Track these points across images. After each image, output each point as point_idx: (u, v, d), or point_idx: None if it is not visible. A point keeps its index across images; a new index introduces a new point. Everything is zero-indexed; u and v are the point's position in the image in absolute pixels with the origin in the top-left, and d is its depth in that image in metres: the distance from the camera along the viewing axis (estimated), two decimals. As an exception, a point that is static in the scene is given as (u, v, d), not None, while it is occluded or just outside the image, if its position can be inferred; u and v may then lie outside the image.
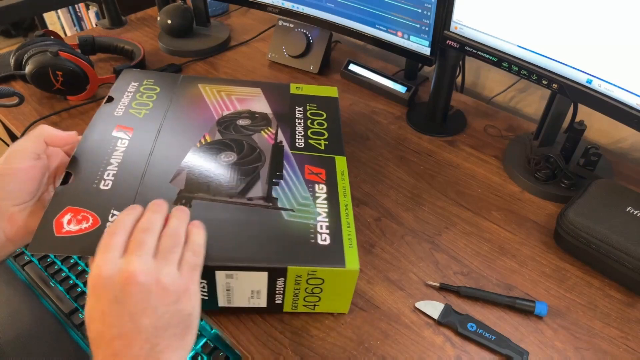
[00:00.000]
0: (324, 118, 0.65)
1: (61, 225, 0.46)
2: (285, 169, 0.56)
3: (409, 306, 0.56)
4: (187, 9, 1.04)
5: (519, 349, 0.52)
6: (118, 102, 0.62)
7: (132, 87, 0.65)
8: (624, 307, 0.57)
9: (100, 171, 0.52)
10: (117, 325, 0.38)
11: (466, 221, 0.67)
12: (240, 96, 0.67)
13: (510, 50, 0.66)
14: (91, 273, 0.39)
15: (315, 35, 0.96)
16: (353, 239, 0.50)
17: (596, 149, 0.67)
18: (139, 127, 0.59)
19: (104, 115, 0.60)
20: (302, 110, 0.66)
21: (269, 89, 0.70)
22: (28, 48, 0.83)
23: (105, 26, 1.14)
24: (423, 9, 0.71)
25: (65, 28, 1.91)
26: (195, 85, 0.68)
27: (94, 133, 0.57)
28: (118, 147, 0.55)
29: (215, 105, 0.65)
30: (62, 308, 0.61)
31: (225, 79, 0.73)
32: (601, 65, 0.57)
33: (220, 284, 0.49)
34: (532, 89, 0.91)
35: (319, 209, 0.52)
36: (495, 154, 0.78)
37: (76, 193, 0.49)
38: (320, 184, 0.55)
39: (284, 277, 0.48)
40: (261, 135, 0.61)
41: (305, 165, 0.57)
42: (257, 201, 0.52)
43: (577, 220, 0.59)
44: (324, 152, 0.60)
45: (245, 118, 0.63)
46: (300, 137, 0.61)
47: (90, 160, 0.53)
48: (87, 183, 0.50)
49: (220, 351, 0.55)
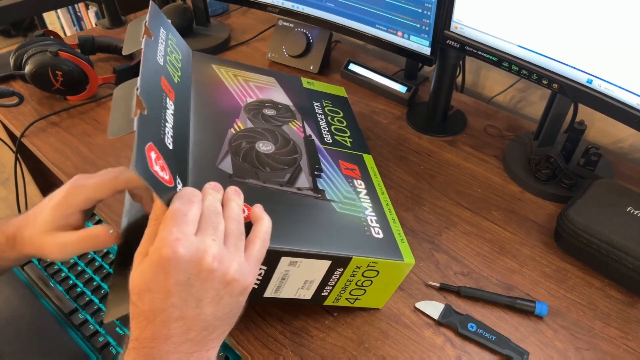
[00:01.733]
0: (342, 116, 0.66)
1: (151, 161, 0.39)
2: (322, 163, 0.56)
3: (409, 306, 0.56)
4: (187, 9, 1.04)
5: (519, 349, 0.52)
6: (156, 44, 0.52)
7: (162, 34, 0.56)
8: (624, 307, 0.57)
9: (162, 124, 0.45)
10: (180, 307, 0.36)
11: (466, 221, 0.67)
12: (257, 84, 0.66)
13: (510, 50, 0.66)
14: (165, 244, 0.36)
15: (315, 35, 0.96)
16: (402, 234, 0.52)
17: (596, 149, 0.67)
18: (178, 94, 0.53)
19: (151, 52, 0.49)
20: (320, 106, 0.66)
21: (283, 80, 0.69)
22: (28, 48, 0.83)
23: (105, 26, 1.14)
24: (423, 8, 0.71)
25: (65, 28, 1.91)
26: (209, 65, 0.65)
27: (150, 67, 0.47)
28: (167, 106, 0.48)
29: (236, 91, 0.62)
30: (62, 308, 0.61)
31: (237, 62, 0.69)
32: (601, 65, 0.57)
33: (279, 272, 0.47)
34: (532, 89, 0.91)
35: (364, 203, 0.53)
36: (496, 153, 0.78)
37: (153, 133, 0.42)
38: (358, 179, 0.56)
39: (344, 268, 0.48)
40: (290, 127, 0.60)
41: (339, 160, 0.57)
42: (307, 192, 0.51)
43: (577, 220, 0.59)
44: (352, 149, 0.60)
45: (270, 108, 0.62)
46: (327, 132, 0.61)
47: (153, 101, 0.45)
48: (157, 130, 0.43)
49: (220, 351, 0.55)
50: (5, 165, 1.79)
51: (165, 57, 0.53)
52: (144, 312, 0.36)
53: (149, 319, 0.36)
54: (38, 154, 0.79)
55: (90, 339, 0.58)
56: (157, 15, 0.56)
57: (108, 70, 0.96)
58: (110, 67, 0.97)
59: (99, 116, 0.85)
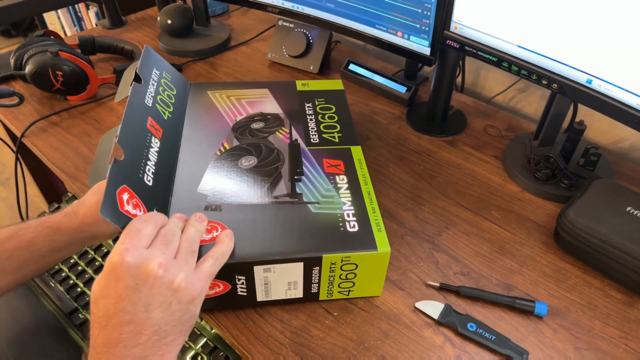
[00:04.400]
0: (334, 111, 0.67)
1: (122, 202, 0.45)
2: (304, 165, 0.58)
3: (409, 306, 0.56)
4: (187, 9, 1.04)
5: (519, 349, 0.52)
6: (146, 87, 0.58)
7: (155, 75, 0.62)
8: (624, 307, 0.57)
9: (143, 163, 0.51)
10: (130, 312, 0.39)
11: (466, 221, 0.67)
12: (249, 99, 0.69)
13: (510, 50, 0.66)
14: (115, 253, 0.40)
15: (315, 35, 0.96)
16: (380, 223, 0.52)
17: (596, 149, 0.67)
18: (166, 130, 0.58)
19: (138, 97, 0.55)
20: (312, 106, 0.68)
21: (276, 89, 0.71)
22: (28, 48, 0.83)
23: (105, 26, 1.14)
24: (423, 9, 0.71)
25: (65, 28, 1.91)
26: (205, 92, 0.69)
27: (133, 113, 0.53)
28: (152, 144, 0.54)
29: (227, 112, 0.66)
30: (62, 308, 0.61)
31: (232, 82, 0.75)
32: (601, 65, 0.57)
33: (258, 279, 0.50)
34: (532, 89, 0.91)
35: (343, 198, 0.54)
36: (495, 154, 0.78)
37: (127, 176, 0.47)
38: (340, 175, 0.57)
39: (319, 266, 0.50)
40: (276, 135, 0.63)
41: (323, 159, 0.59)
42: (283, 198, 0.54)
43: (577, 220, 0.59)
44: (339, 144, 0.61)
45: (258, 121, 0.65)
46: (314, 132, 0.63)
47: (131, 146, 0.49)
48: (135, 170, 0.49)
49: (220, 351, 0.55)
50: (5, 165, 1.79)
51: (155, 97, 0.59)
52: (98, 319, 0.39)
53: (102, 324, 0.39)
54: (38, 154, 0.79)
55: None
56: (151, 57, 0.62)
57: (108, 71, 0.96)
58: (110, 67, 0.97)
59: (99, 116, 0.85)
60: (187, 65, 1.00)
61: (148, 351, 0.39)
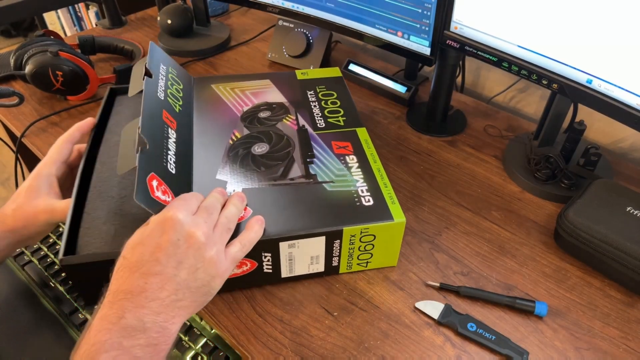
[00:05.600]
0: (336, 97, 0.70)
1: (153, 189, 0.47)
2: (314, 148, 0.61)
3: (409, 306, 0.56)
4: (187, 9, 1.04)
5: (519, 349, 0.52)
6: (157, 81, 0.60)
7: (162, 70, 0.64)
8: (624, 307, 0.57)
9: (165, 153, 0.53)
10: (162, 263, 0.41)
11: (466, 221, 0.67)
12: (253, 90, 0.71)
13: (510, 50, 0.66)
14: (169, 209, 0.44)
15: (315, 35, 0.96)
16: (393, 196, 0.56)
17: (596, 149, 0.67)
18: (179, 122, 0.61)
19: (151, 91, 0.58)
20: (314, 93, 0.70)
21: (278, 79, 0.74)
22: (28, 48, 0.83)
23: (105, 26, 1.14)
24: (423, 8, 0.71)
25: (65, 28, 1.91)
26: (209, 86, 0.72)
27: (151, 105, 0.56)
28: (169, 135, 0.56)
29: (233, 103, 0.69)
30: (62, 308, 0.61)
31: (234, 75, 0.77)
32: (601, 65, 0.57)
33: (283, 255, 0.53)
34: (532, 89, 0.91)
35: (355, 176, 0.57)
36: (495, 153, 0.78)
37: (154, 164, 0.49)
38: (350, 155, 0.60)
39: (340, 239, 0.53)
40: (284, 123, 0.65)
41: (331, 141, 0.62)
42: (299, 180, 0.57)
43: (577, 220, 0.59)
44: (345, 127, 0.64)
45: (264, 110, 0.67)
46: (320, 118, 0.66)
47: (153, 136, 0.52)
48: (159, 159, 0.51)
49: (220, 351, 0.55)
50: (5, 165, 1.79)
51: (166, 91, 0.61)
52: (129, 264, 0.41)
53: (132, 269, 0.41)
54: (38, 154, 0.79)
55: (90, 339, 0.58)
56: (157, 53, 0.65)
57: (108, 71, 0.96)
58: (110, 67, 0.97)
59: (99, 116, 0.85)
60: (187, 65, 1.00)
61: (164, 309, 0.40)
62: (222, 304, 0.56)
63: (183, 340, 0.57)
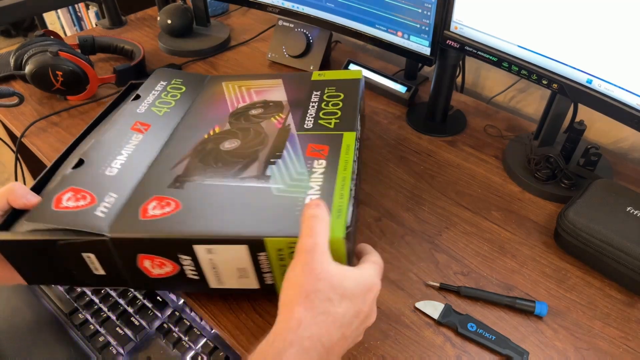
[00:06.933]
0: (341, 98, 0.64)
1: (60, 201, 0.48)
2: (286, 149, 0.56)
3: (409, 306, 0.56)
4: (187, 9, 1.04)
5: (519, 349, 0.52)
6: (143, 100, 0.64)
7: (160, 86, 0.67)
8: (624, 307, 0.57)
9: (109, 159, 0.54)
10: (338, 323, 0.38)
11: (466, 221, 0.67)
12: (259, 88, 0.68)
13: (510, 50, 0.66)
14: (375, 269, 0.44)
15: (315, 35, 0.96)
16: (344, 210, 0.46)
17: (596, 149, 0.67)
18: (157, 124, 0.61)
19: (126, 112, 0.62)
20: (319, 94, 0.65)
21: (290, 79, 0.70)
22: (28, 48, 0.83)
23: (105, 26, 1.14)
24: (423, 8, 0.71)
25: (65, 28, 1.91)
26: (220, 83, 0.70)
27: (113, 127, 0.59)
28: (132, 140, 0.57)
29: (232, 100, 0.66)
30: (62, 308, 0.61)
31: (250, 74, 0.74)
32: (601, 65, 0.57)
33: (203, 260, 0.47)
34: (532, 89, 0.91)
35: (313, 183, 0.50)
36: (495, 154, 0.78)
37: (81, 176, 0.52)
38: (320, 159, 0.54)
39: (265, 251, 0.46)
40: (270, 121, 0.61)
41: (308, 143, 0.56)
42: (250, 180, 0.51)
43: (577, 220, 0.59)
44: (333, 129, 0.58)
45: (258, 107, 0.64)
46: (310, 118, 0.61)
47: (103, 150, 0.56)
48: (95, 169, 0.53)
49: (220, 351, 0.55)
50: (5, 165, 1.79)
51: (153, 103, 0.64)
52: (334, 314, 0.38)
53: (335, 321, 0.38)
54: (38, 154, 0.79)
55: (90, 339, 0.58)
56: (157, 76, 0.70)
57: (108, 70, 0.96)
58: (110, 67, 0.97)
59: (99, 116, 0.85)
60: (187, 65, 1.00)
61: None
62: (222, 304, 0.56)
63: (183, 340, 0.57)
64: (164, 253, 0.46)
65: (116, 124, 0.60)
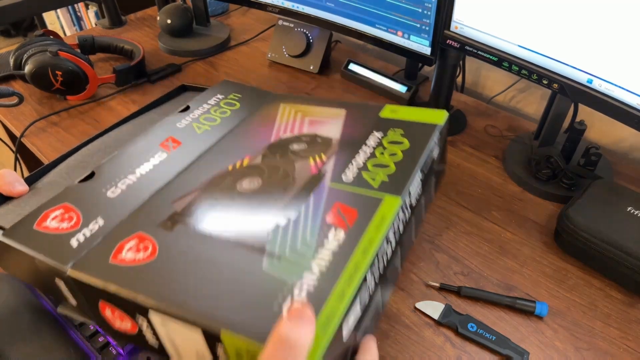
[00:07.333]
0: (404, 148, 0.50)
1: (45, 219, 0.43)
2: (306, 204, 0.44)
3: (409, 306, 0.56)
4: (187, 9, 1.04)
5: (519, 349, 0.52)
6: (191, 112, 0.57)
7: (215, 100, 0.60)
8: (624, 307, 0.57)
9: (119, 178, 0.48)
10: None
11: (466, 221, 0.67)
12: (316, 118, 0.57)
13: (510, 50, 0.65)
14: None
15: (315, 35, 0.96)
16: (335, 317, 0.33)
17: (596, 149, 0.67)
18: (188, 143, 0.53)
19: (165, 124, 0.55)
20: (380, 136, 0.52)
21: (356, 110, 0.57)
22: (27, 48, 0.83)
23: (105, 26, 1.14)
24: (423, 8, 0.71)
25: (64, 28, 1.91)
26: (278, 104, 0.60)
27: (143, 139, 0.53)
28: (154, 158, 0.50)
29: (281, 127, 0.56)
30: (62, 308, 0.61)
31: (315, 98, 0.63)
32: (602, 65, 0.57)
33: (161, 331, 0.39)
34: (533, 89, 0.91)
35: (316, 263, 0.38)
36: (496, 154, 0.78)
37: (82, 192, 0.47)
38: (340, 229, 0.41)
39: (223, 346, 0.35)
40: (307, 162, 0.50)
41: (335, 202, 0.44)
42: (247, 238, 0.41)
43: (577, 220, 0.59)
44: (375, 189, 0.45)
45: (302, 142, 0.53)
46: (355, 168, 0.48)
47: (119, 165, 0.50)
48: (99, 186, 0.47)
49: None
50: (5, 165, 1.79)
51: (196, 118, 0.57)
52: None
53: None
54: (38, 154, 0.79)
55: (90, 339, 0.58)
56: (218, 87, 0.63)
57: (108, 70, 0.96)
58: (110, 67, 0.97)
59: (99, 116, 0.85)
60: (187, 65, 1.00)
61: None
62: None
63: (183, 340, 0.57)
64: (122, 307, 0.39)
65: (148, 135, 0.53)
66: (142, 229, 0.43)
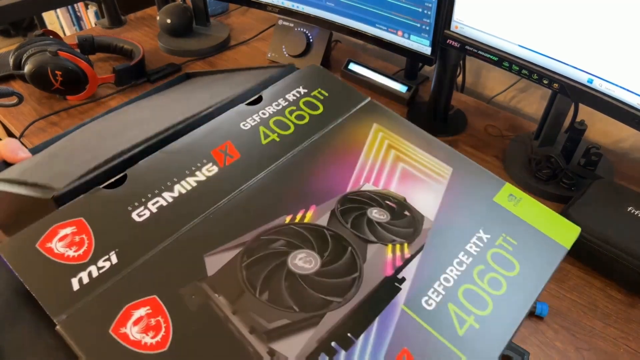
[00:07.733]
0: (511, 274, 0.34)
1: (52, 237, 0.34)
2: (367, 333, 0.30)
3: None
4: (187, 9, 1.04)
5: (519, 349, 0.52)
6: (262, 108, 0.43)
7: (295, 95, 0.45)
8: (624, 307, 0.57)
9: (152, 194, 0.36)
10: None
11: (467, 221, 0.67)
12: (413, 168, 0.41)
13: (510, 50, 0.65)
14: None
15: (315, 35, 0.96)
16: None
17: (597, 149, 0.67)
18: (247, 157, 0.39)
19: (229, 120, 0.42)
20: (491, 238, 0.36)
21: (466, 174, 0.41)
22: (27, 48, 0.83)
23: (105, 26, 1.14)
24: (424, 8, 0.71)
25: (64, 28, 1.90)
26: (371, 123, 0.44)
27: (195, 137, 0.40)
28: (200, 173, 0.38)
29: (365, 165, 0.41)
30: (62, 308, 0.60)
31: (415, 127, 0.44)
32: (602, 65, 0.57)
33: None
34: (533, 89, 0.91)
35: None
36: (496, 153, 0.78)
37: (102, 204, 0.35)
38: None
39: None
40: (384, 252, 0.35)
41: (403, 347, 0.30)
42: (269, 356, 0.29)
43: (577, 220, 0.58)
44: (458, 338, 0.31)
45: (386, 211, 0.37)
46: (441, 290, 0.33)
47: (157, 172, 0.37)
48: (126, 201, 0.36)
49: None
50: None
51: (265, 120, 0.42)
52: None
53: None
54: (37, 153, 0.79)
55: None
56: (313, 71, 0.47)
57: (108, 70, 0.96)
58: (110, 67, 0.97)
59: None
60: (186, 65, 1.00)
61: None
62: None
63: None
64: None
65: (202, 131, 0.40)
66: (159, 292, 0.32)
